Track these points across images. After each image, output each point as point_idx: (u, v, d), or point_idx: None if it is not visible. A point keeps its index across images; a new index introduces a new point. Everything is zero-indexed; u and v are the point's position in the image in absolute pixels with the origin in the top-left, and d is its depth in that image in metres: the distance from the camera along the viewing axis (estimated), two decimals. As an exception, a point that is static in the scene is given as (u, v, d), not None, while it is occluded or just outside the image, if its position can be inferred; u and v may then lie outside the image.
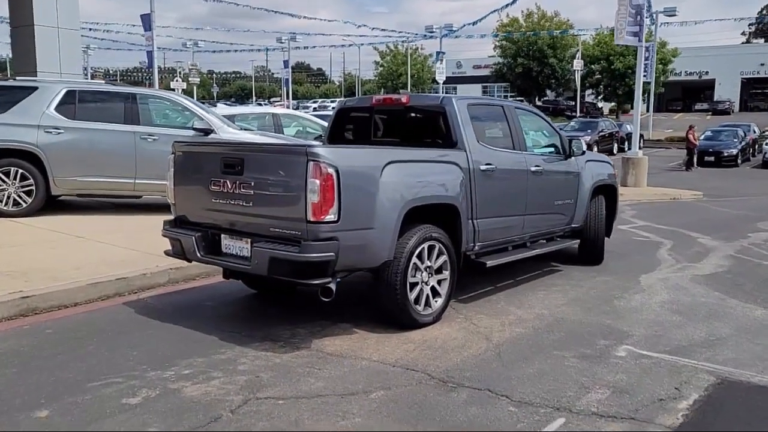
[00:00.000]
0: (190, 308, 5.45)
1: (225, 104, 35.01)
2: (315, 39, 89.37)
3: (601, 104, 55.17)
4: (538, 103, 50.96)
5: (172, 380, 3.90)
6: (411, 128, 6.23)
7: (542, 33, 50.18)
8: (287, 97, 46.33)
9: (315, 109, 39.15)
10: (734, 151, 27.39)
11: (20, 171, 8.51)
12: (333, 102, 54.31)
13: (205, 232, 4.93)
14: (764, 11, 74.60)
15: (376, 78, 63.58)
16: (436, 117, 5.78)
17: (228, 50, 56.79)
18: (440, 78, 37.95)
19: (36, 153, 8.54)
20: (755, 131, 32.59)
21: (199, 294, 5.92)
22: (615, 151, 28.67)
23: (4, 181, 8.48)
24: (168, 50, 65.17)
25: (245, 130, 10.49)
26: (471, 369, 4.15)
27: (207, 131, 9.22)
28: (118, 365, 4.11)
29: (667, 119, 51.63)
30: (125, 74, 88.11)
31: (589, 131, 28.69)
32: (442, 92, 38.91)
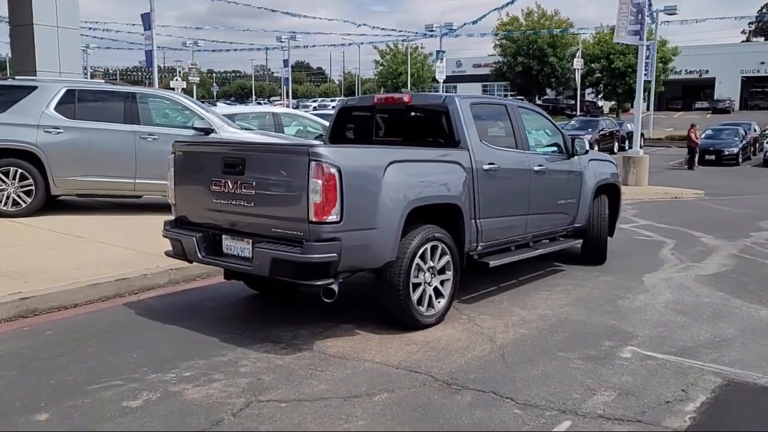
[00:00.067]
0: (191, 309, 5.41)
1: (225, 103, 34.95)
2: (315, 38, 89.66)
3: (601, 103, 55.14)
4: (538, 102, 50.86)
5: (173, 383, 3.86)
6: (413, 127, 6.18)
7: (542, 32, 50.12)
8: (287, 97, 46.25)
9: (315, 109, 39.14)
10: (735, 150, 27.37)
11: (20, 171, 8.48)
12: (333, 101, 54.31)
13: (206, 233, 4.89)
14: (764, 9, 74.56)
15: (376, 77, 63.57)
16: (439, 116, 5.74)
17: (228, 49, 56.87)
18: (440, 77, 37.89)
19: (35, 153, 8.50)
20: (756, 130, 32.59)
21: (200, 295, 5.88)
22: (615, 150, 28.66)
23: (4, 181, 8.44)
24: (168, 49, 65.12)
25: (245, 130, 10.45)
26: (475, 371, 4.11)
27: (207, 131, 9.18)
28: (119, 367, 4.07)
29: (668, 118, 51.60)
30: (125, 73, 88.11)
31: (590, 130, 28.66)
32: (442, 91, 38.86)
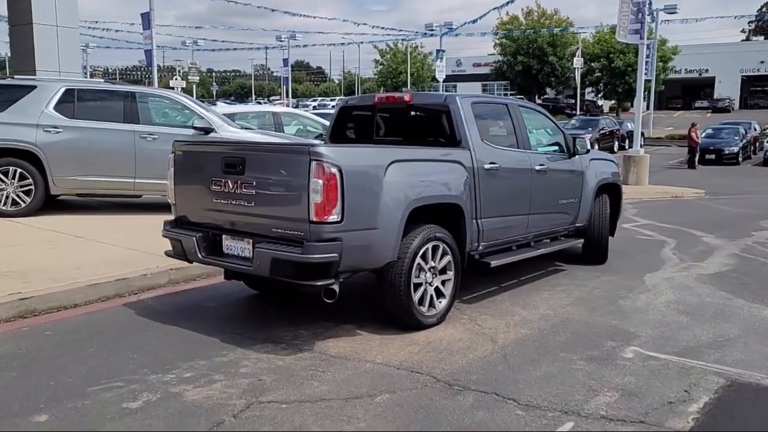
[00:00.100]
0: (191, 309, 5.39)
1: (225, 103, 34.91)
2: (314, 37, 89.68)
3: (601, 102, 55.11)
4: (538, 101, 50.86)
5: (173, 383, 3.84)
6: (414, 127, 6.16)
7: (542, 31, 50.11)
8: (287, 96, 46.24)
9: (315, 108, 39.11)
10: (735, 149, 27.34)
11: (19, 170, 8.45)
12: (333, 100, 54.26)
13: (206, 233, 4.86)
14: (764, 8, 74.52)
15: (376, 76, 63.54)
16: (440, 115, 5.71)
17: (227, 49, 57.15)
18: (440, 76, 37.88)
19: (35, 152, 8.48)
20: (756, 129, 32.56)
21: (200, 295, 5.85)
22: (616, 149, 28.66)
23: (3, 181, 8.42)
24: (167, 49, 65.06)
25: (245, 129, 10.42)
26: (477, 371, 4.09)
27: (207, 130, 9.16)
28: (119, 368, 4.05)
29: (668, 117, 51.59)
30: (124, 73, 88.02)
31: (590, 129, 28.64)
32: (442, 90, 38.83)
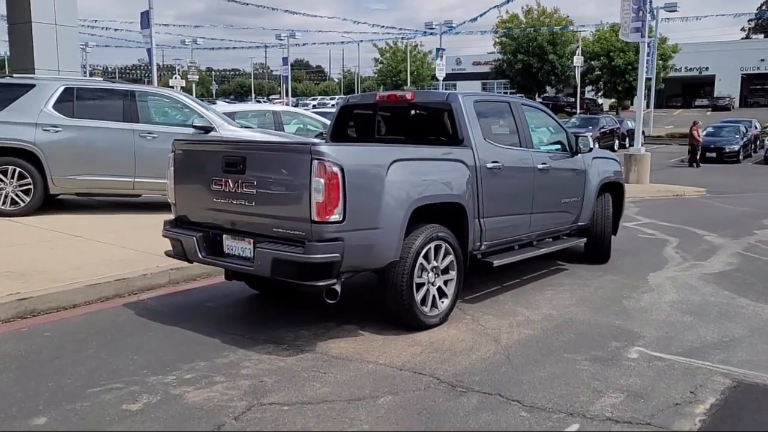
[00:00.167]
0: (192, 310, 5.34)
1: (224, 101, 34.85)
2: (314, 36, 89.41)
3: (601, 101, 55.04)
4: (538, 100, 50.75)
5: (174, 385, 3.80)
6: (416, 125, 6.11)
7: (542, 29, 50.03)
8: (286, 95, 46.16)
9: (314, 107, 39.04)
10: (736, 147, 27.28)
11: (18, 170, 8.40)
12: (332, 99, 54.20)
13: (207, 233, 4.82)
14: (764, 7, 74.41)
15: (376, 75, 63.45)
16: (442, 114, 5.67)
17: (227, 47, 57.22)
18: (440, 75, 37.89)
19: (34, 151, 8.43)
20: (756, 127, 32.50)
21: (201, 295, 5.81)
22: (616, 148, 28.59)
23: (2, 180, 8.37)
24: (167, 47, 64.83)
25: (245, 128, 10.37)
26: (480, 373, 4.05)
27: (207, 129, 9.11)
28: (119, 369, 4.01)
29: (668, 115, 51.55)
30: (124, 71, 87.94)
31: (590, 128, 28.58)
32: (442, 89, 38.75)
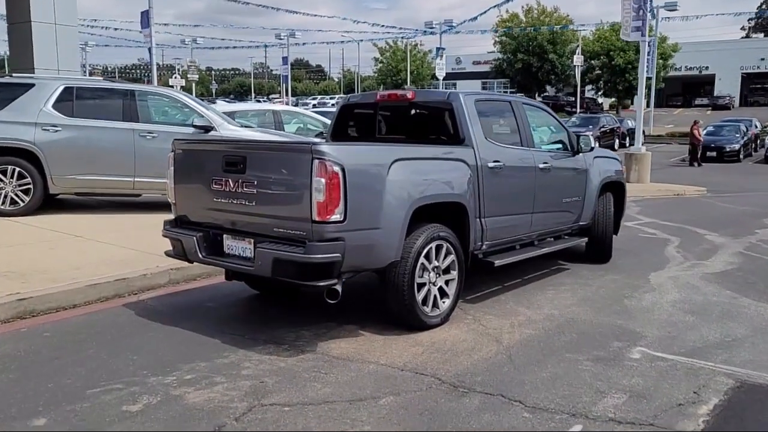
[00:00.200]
0: (192, 310, 5.32)
1: (224, 101, 34.84)
2: (314, 35, 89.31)
3: (601, 100, 55.02)
4: (538, 99, 50.73)
5: (174, 386, 3.78)
6: (416, 125, 6.09)
7: (542, 28, 50.02)
8: (286, 94, 46.12)
9: (314, 106, 39.01)
10: (737, 147, 27.24)
11: (17, 169, 8.38)
12: (332, 99, 54.16)
13: (207, 233, 4.80)
14: (764, 6, 74.37)
15: (376, 74, 63.41)
16: (443, 113, 5.65)
17: (227, 47, 57.09)
18: (440, 74, 37.87)
19: (33, 151, 8.41)
20: (757, 126, 32.44)
21: (201, 295, 5.79)
22: (616, 147, 28.53)
23: (2, 180, 8.35)
24: (166, 47, 64.78)
25: (245, 127, 10.35)
26: (482, 373, 4.03)
27: (207, 128, 9.09)
28: (119, 370, 3.99)
29: (668, 115, 51.53)
30: (124, 71, 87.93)
31: (591, 127, 28.53)
32: (442, 88, 38.72)
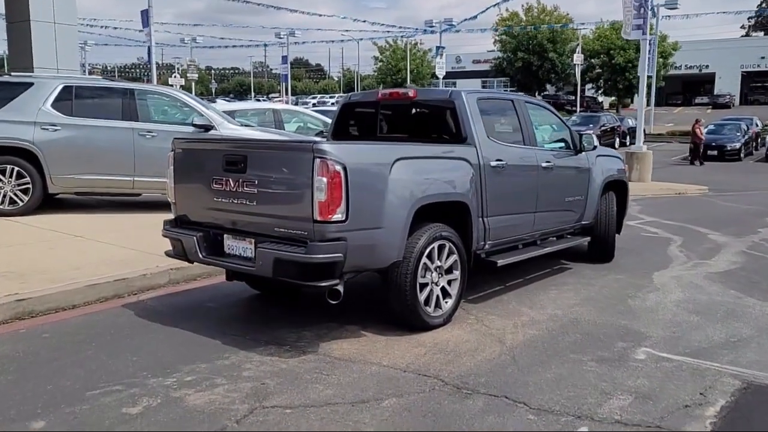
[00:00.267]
0: (192, 310, 5.28)
1: (224, 100, 34.78)
2: (313, 34, 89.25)
3: (602, 98, 54.95)
4: (539, 98, 50.67)
5: (174, 387, 3.73)
6: (418, 123, 6.05)
7: (542, 27, 49.94)
8: (286, 93, 46.05)
9: (314, 105, 38.96)
10: (737, 145, 27.18)
11: (16, 169, 8.34)
12: (332, 98, 54.10)
13: (207, 232, 4.75)
14: (764, 4, 74.27)
15: (375, 73, 63.32)
16: (445, 111, 5.60)
17: (226, 46, 56.94)
18: (440, 73, 37.79)
19: (32, 150, 8.37)
20: (758, 125, 32.40)
21: (201, 295, 5.74)
22: (617, 146, 28.49)
23: (1, 180, 8.30)
24: (166, 46, 64.83)
25: (246, 127, 10.30)
26: (486, 374, 3.98)
27: (207, 127, 9.04)
28: (118, 371, 3.95)
29: (668, 113, 51.48)
30: (123, 70, 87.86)
31: (591, 126, 28.50)
32: (442, 87, 38.66)
